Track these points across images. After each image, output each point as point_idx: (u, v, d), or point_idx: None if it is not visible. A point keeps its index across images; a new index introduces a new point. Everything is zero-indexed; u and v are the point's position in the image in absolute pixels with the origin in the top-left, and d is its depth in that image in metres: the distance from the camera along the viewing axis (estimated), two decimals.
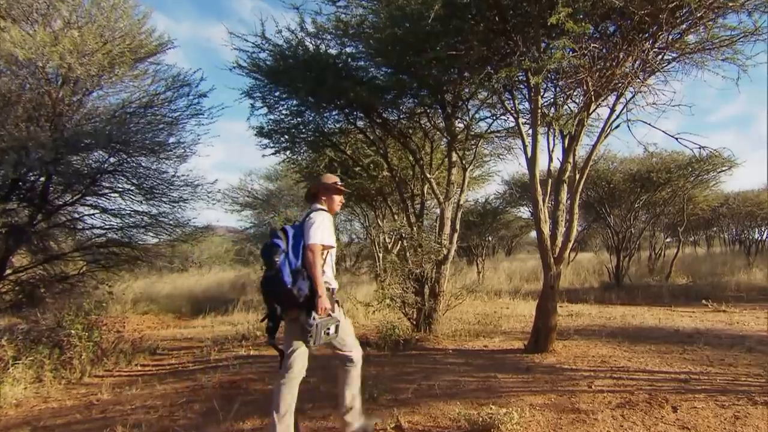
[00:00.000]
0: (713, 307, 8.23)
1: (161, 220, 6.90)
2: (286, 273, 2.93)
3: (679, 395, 3.69)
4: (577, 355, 5.06)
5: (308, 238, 2.99)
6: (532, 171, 5.14)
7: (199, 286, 15.06)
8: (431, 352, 5.49)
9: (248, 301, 10.76)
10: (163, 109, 6.52)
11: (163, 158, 6.64)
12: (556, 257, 5.23)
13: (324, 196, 3.30)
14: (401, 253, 7.71)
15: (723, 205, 17.46)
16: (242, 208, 19.82)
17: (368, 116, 6.90)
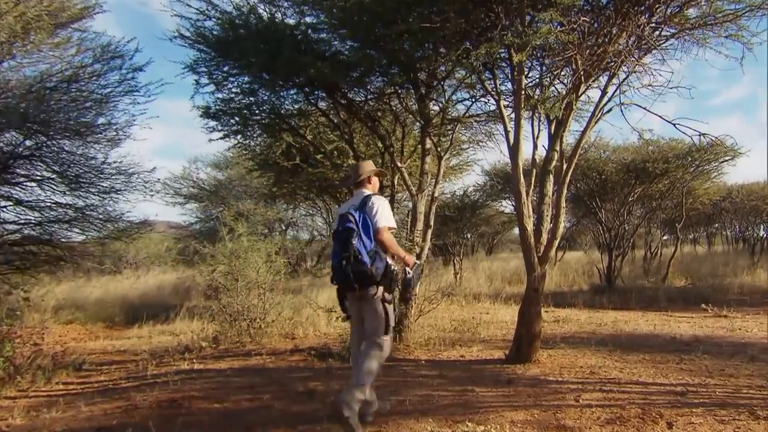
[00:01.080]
0: (713, 311, 8.51)
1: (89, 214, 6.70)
2: (365, 254, 3.50)
3: (675, 409, 3.78)
4: (564, 365, 5.14)
5: (378, 222, 3.58)
6: (515, 160, 5.18)
7: (134, 290, 14.72)
8: (401, 364, 5.49)
9: (193, 308, 10.57)
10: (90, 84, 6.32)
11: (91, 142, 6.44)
12: (541, 256, 5.31)
13: (374, 183, 3.92)
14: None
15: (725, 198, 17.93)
16: (186, 200, 19.49)
17: (331, 97, 6.84)
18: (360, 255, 3.48)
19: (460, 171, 12.02)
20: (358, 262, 3.46)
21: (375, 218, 3.58)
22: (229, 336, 7.07)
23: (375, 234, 3.55)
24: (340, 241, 3.54)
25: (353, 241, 3.48)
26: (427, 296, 6.70)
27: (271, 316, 7.44)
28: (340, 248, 3.53)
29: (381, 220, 3.59)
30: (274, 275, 7.58)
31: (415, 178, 8.16)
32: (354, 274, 3.47)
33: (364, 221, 3.58)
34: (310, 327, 7.81)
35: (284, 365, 5.74)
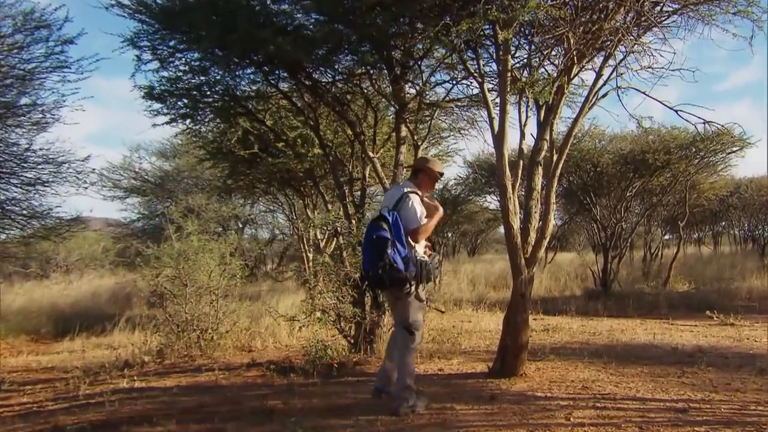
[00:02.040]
0: (719, 319, 8.71)
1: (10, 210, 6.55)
2: (400, 263, 4.10)
3: (676, 428, 3.84)
4: (553, 379, 5.22)
5: (411, 223, 4.27)
6: (500, 150, 5.22)
7: (65, 297, 14.45)
8: (372, 378, 5.44)
9: (134, 318, 10.40)
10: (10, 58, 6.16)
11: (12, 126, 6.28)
12: (529, 258, 5.37)
13: (424, 180, 4.61)
14: (336, 253, 7.68)
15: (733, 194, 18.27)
16: (126, 194, 19.18)
17: (294, 77, 6.79)
18: (395, 263, 4.10)
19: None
20: (393, 270, 4.09)
21: (410, 218, 4.31)
22: (175, 349, 6.99)
23: (411, 236, 4.25)
24: (374, 249, 4.11)
25: (388, 251, 4.08)
26: None
27: (224, 326, 7.38)
28: (375, 257, 4.10)
29: (414, 220, 4.32)
30: (229, 279, 7.52)
31: (388, 169, 8.16)
32: (390, 280, 4.12)
33: (396, 224, 4.20)
34: (270, 338, 7.77)
35: (239, 382, 5.69)
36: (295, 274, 15.72)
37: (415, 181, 4.65)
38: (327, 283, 6.42)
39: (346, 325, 6.37)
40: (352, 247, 6.44)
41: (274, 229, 21.16)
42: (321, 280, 6.62)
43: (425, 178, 4.66)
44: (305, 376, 5.66)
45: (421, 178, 4.65)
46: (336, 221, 6.97)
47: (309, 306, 6.08)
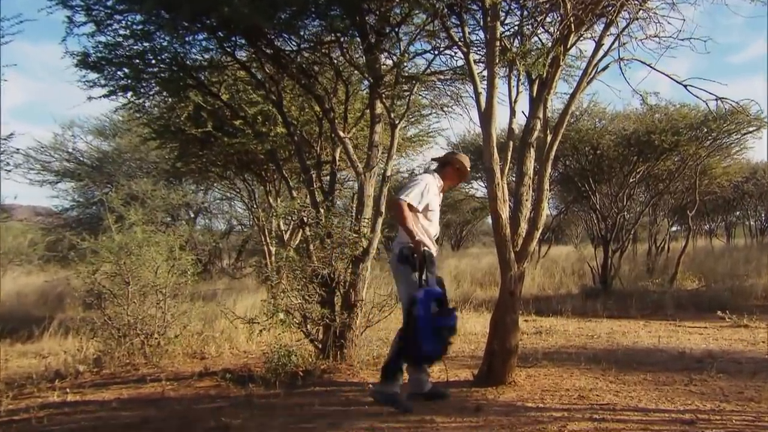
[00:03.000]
0: (732, 320, 8.84)
1: None
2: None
3: None
4: (546, 388, 5.28)
5: (399, 192, 4.89)
6: (487, 130, 5.24)
7: None
8: (343, 388, 5.52)
9: (67, 321, 10.25)
10: None
11: None
12: (519, 251, 5.41)
13: (450, 172, 5.30)
14: (302, 247, 7.64)
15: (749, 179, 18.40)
16: (58, 178, 18.84)
17: (253, 45, 6.72)
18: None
19: (419, 143, 12.06)
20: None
21: (403, 188, 4.97)
22: (116, 357, 6.92)
23: (388, 204, 4.84)
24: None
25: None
26: (377, 302, 6.73)
27: (173, 330, 7.33)
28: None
29: (401, 192, 4.91)
30: (179, 277, 7.47)
31: (362, 151, 8.14)
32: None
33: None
34: (226, 344, 7.74)
35: (190, 393, 5.67)
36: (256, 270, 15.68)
37: (441, 173, 5.29)
38: (291, 280, 6.41)
39: (313, 328, 6.36)
40: (320, 239, 6.43)
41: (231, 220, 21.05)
42: (285, 277, 6.61)
43: (452, 171, 5.31)
44: (266, 387, 5.64)
45: (447, 171, 5.30)
46: (302, 210, 6.93)
47: (271, 306, 6.06)
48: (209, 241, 18.96)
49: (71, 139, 19.20)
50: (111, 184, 17.73)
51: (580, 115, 13.11)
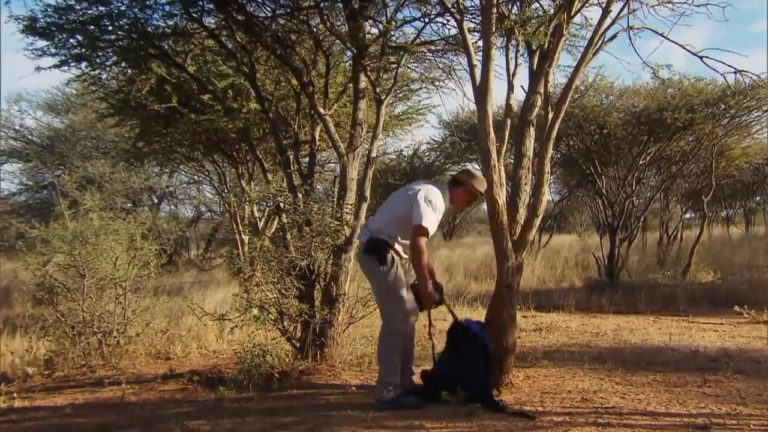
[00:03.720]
0: (750, 316, 8.90)
1: None
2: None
3: None
4: (546, 390, 5.30)
5: (418, 217, 4.79)
6: (483, 106, 5.22)
7: None
8: (323, 392, 5.53)
9: (14, 318, 10.19)
10: None
11: None
12: (517, 240, 5.41)
13: (460, 194, 5.16)
14: (278, 236, 7.62)
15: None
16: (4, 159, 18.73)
17: (223, 10, 6.67)
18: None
19: (408, 122, 12.05)
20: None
21: (417, 210, 4.84)
22: (70, 358, 6.88)
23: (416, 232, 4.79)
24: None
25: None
26: (361, 296, 6.73)
27: (134, 327, 7.31)
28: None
29: (424, 216, 4.81)
30: (140, 269, 7.44)
31: (344, 130, 8.10)
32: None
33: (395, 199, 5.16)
34: (193, 342, 7.73)
35: (153, 398, 5.65)
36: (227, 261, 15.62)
37: (450, 191, 5.15)
38: (266, 272, 6.38)
39: (290, 324, 6.35)
40: (298, 227, 6.41)
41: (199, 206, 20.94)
42: (259, 269, 6.58)
43: (462, 194, 5.16)
44: (238, 390, 5.63)
45: (458, 192, 5.16)
46: (278, 195, 6.91)
47: (243, 301, 6.01)
48: (175, 229, 18.89)
49: (18, 114, 19.05)
50: (64, 165, 17.61)
51: (585, 91, 13.11)
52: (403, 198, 5.02)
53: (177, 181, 19.87)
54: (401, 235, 4.98)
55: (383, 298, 5.05)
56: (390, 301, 4.98)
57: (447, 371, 4.99)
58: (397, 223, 4.96)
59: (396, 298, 4.94)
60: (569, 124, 12.97)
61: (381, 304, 5.12)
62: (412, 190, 5.00)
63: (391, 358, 4.98)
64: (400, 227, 4.95)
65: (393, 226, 4.98)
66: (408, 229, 4.83)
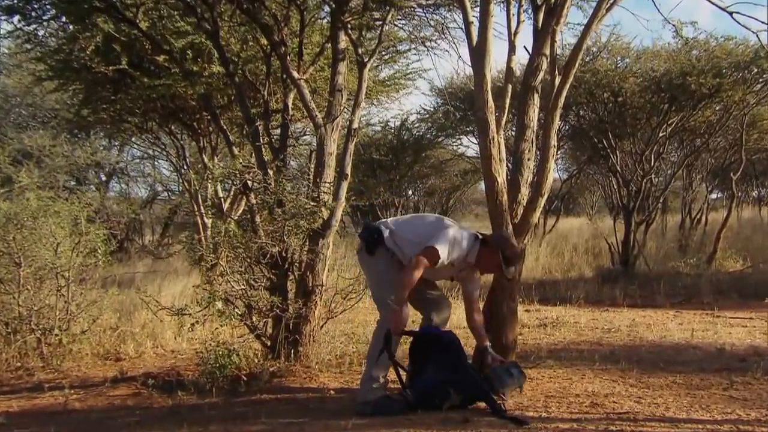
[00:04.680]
0: None
1: None
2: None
3: None
4: (551, 393, 5.33)
5: (434, 241, 4.90)
6: (480, 70, 5.22)
7: None
8: (297, 396, 5.55)
9: None
10: None
11: None
12: (519, 224, 5.43)
13: (488, 258, 5.07)
14: (246, 218, 7.61)
15: None
16: None
17: None
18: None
19: (395, 88, 12.04)
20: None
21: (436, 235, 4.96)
22: (4, 359, 6.86)
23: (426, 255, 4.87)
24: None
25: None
26: (341, 288, 6.74)
27: (80, 324, 7.30)
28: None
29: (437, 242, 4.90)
30: (86, 257, 7.41)
31: (322, 97, 8.08)
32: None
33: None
34: (148, 341, 7.72)
35: (101, 404, 5.64)
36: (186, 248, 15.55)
37: (481, 249, 5.07)
38: (232, 260, 6.38)
39: (259, 320, 6.36)
40: (268, 208, 6.39)
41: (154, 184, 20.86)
42: (223, 257, 6.57)
43: (491, 258, 5.05)
44: (199, 395, 5.62)
45: (486, 255, 5.06)
46: (245, 172, 6.87)
47: (206, 294, 5.97)
48: (126, 211, 18.76)
49: None
50: None
51: (597, 52, 13.12)
52: (430, 223, 5.26)
53: (128, 155, 19.79)
54: (407, 250, 5.06)
55: (374, 287, 5.27)
56: (380, 289, 5.14)
57: (440, 379, 4.97)
58: (410, 244, 5.05)
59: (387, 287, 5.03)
60: (579, 91, 12.95)
61: (373, 294, 5.31)
62: (442, 222, 5.17)
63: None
64: (409, 243, 5.05)
65: (407, 244, 5.07)
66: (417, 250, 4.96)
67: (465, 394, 4.93)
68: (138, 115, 11.36)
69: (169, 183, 20.27)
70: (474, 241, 5.06)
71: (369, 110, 15.78)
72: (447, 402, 4.90)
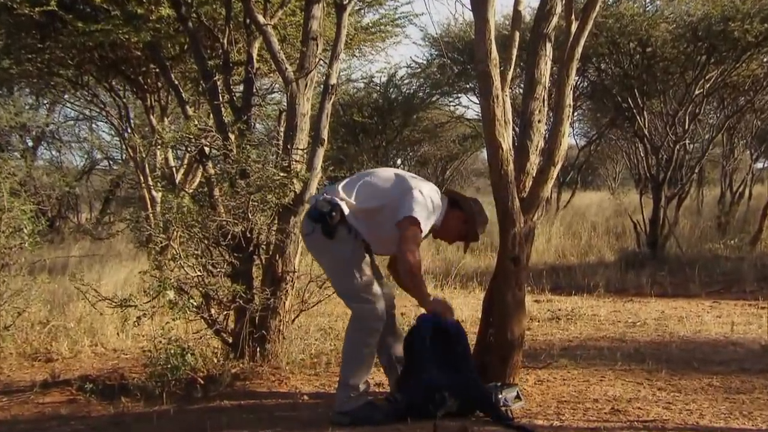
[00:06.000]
0: None
1: None
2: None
3: None
4: (565, 397, 5.37)
5: (405, 208, 4.84)
6: (482, 14, 5.21)
7: None
8: (264, 402, 5.56)
9: None
10: None
11: None
12: (528, 198, 5.45)
13: (454, 222, 5.19)
14: (202, 192, 7.61)
15: None
16: None
17: None
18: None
19: (380, 36, 12.01)
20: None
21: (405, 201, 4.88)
22: None
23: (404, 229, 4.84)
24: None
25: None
26: (317, 275, 6.74)
27: (2, 318, 7.31)
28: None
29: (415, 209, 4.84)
30: (9, 238, 7.42)
31: (293, 47, 8.07)
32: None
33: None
34: (85, 338, 7.72)
35: (29, 413, 5.65)
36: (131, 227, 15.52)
37: (449, 212, 5.16)
38: (186, 242, 6.39)
39: (219, 313, 6.37)
40: (230, 180, 6.39)
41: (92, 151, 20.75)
42: (176, 238, 6.58)
43: (457, 221, 5.19)
44: (147, 401, 5.62)
45: (454, 216, 5.18)
46: (202, 136, 6.87)
47: (155, 282, 5.99)
48: (59, 183, 18.70)
49: None
50: None
51: None
52: (390, 177, 5.17)
53: (60, 116, 19.67)
54: (372, 224, 5.01)
55: (338, 279, 5.18)
56: (349, 280, 5.02)
57: (438, 382, 4.93)
58: (374, 196, 5.03)
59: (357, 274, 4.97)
60: (600, 40, 12.95)
61: (338, 287, 5.22)
62: (404, 178, 5.12)
63: (360, 358, 5.02)
64: (373, 214, 5.01)
65: (369, 216, 5.01)
66: (386, 222, 4.93)
67: (464, 399, 4.92)
68: (71, 68, 11.27)
69: (110, 150, 20.20)
70: (443, 202, 5.14)
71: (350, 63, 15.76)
72: (442, 409, 4.90)
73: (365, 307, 4.93)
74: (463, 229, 5.20)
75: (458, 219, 5.15)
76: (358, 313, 4.99)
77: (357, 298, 4.95)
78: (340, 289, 5.16)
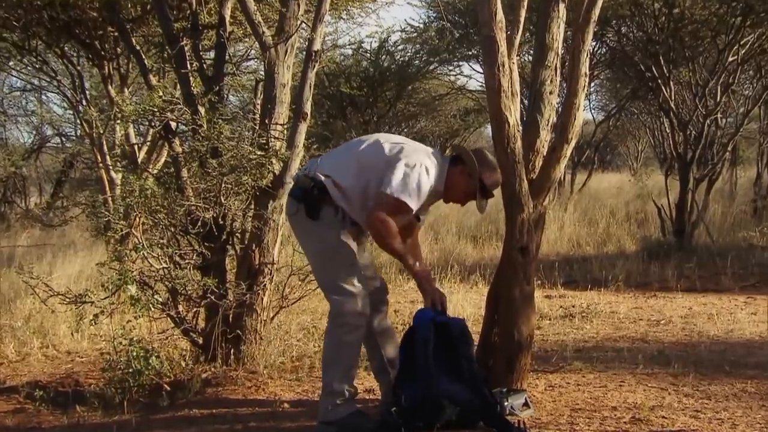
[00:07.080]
0: None
1: None
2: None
3: None
4: (579, 405, 5.39)
5: (388, 183, 4.86)
6: None
7: None
8: (239, 411, 5.56)
9: None
10: None
11: None
12: (537, 180, 5.46)
13: (462, 181, 5.15)
14: (168, 173, 7.62)
15: None
16: None
17: None
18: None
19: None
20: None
21: (390, 176, 4.88)
22: None
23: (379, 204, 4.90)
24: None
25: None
26: (298, 267, 6.76)
27: None
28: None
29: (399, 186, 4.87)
30: None
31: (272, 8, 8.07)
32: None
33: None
34: (36, 339, 7.74)
35: None
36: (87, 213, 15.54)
37: (450, 170, 5.16)
38: (150, 230, 6.40)
39: (188, 310, 6.41)
40: (199, 159, 6.40)
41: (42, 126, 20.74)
42: (138, 226, 6.59)
43: (461, 179, 5.15)
44: (106, 410, 5.63)
45: (455, 174, 5.16)
46: (167, 109, 6.87)
47: (114, 275, 5.99)
48: (3, 163, 18.73)
49: None
50: None
51: None
52: (376, 148, 5.14)
53: (5, 86, 19.64)
54: (360, 202, 5.02)
55: (320, 267, 5.18)
56: (332, 269, 5.06)
57: (441, 387, 4.90)
58: (360, 171, 5.04)
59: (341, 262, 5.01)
60: (620, 1, 12.94)
61: (319, 276, 5.25)
62: (393, 144, 5.11)
63: (342, 359, 5.01)
64: (363, 187, 5.01)
65: (352, 176, 5.02)
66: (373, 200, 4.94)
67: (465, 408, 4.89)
68: (16, 30, 11.25)
69: (63, 125, 20.18)
70: (443, 161, 5.14)
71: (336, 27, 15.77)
72: (441, 419, 4.88)
73: (345, 300, 4.90)
74: (470, 185, 5.11)
75: (461, 174, 5.12)
76: (337, 308, 4.96)
77: (337, 290, 4.93)
78: (321, 279, 5.19)
